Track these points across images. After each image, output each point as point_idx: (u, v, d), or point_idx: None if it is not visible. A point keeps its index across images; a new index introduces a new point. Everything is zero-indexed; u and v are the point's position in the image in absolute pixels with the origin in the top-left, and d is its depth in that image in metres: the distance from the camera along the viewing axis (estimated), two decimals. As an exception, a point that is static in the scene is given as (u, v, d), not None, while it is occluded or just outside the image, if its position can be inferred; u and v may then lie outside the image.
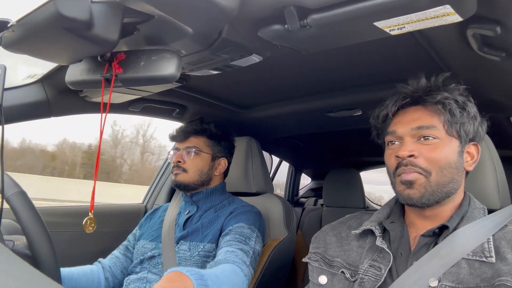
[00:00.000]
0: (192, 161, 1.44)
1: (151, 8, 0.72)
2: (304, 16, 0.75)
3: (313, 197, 3.62)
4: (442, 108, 0.85)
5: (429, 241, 0.84)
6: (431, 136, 0.84)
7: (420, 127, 0.85)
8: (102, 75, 0.85)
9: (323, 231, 1.04)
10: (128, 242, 1.51)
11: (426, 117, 0.86)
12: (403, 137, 0.87)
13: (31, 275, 0.39)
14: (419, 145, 0.84)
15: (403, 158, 0.84)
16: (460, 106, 0.85)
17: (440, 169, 0.83)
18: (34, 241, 0.77)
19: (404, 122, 0.88)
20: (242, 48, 0.94)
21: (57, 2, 0.64)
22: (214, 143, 1.49)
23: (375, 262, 0.86)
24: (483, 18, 0.79)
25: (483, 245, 0.78)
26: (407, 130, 0.86)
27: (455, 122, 0.84)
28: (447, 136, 0.84)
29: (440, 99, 0.85)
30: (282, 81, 1.40)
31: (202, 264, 1.27)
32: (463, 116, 0.85)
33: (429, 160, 0.83)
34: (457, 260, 0.77)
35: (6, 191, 0.79)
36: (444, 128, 0.84)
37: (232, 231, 1.27)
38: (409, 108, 0.89)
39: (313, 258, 0.97)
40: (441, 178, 0.83)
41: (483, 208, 0.87)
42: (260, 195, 1.67)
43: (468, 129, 0.85)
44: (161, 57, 0.80)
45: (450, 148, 0.84)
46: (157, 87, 1.20)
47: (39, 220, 0.79)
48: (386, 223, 0.91)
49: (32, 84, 1.25)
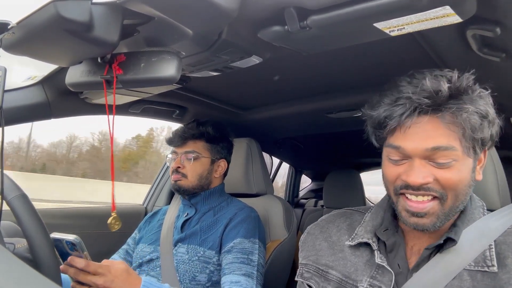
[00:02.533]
0: (192, 166, 1.42)
1: (151, 9, 0.72)
2: (304, 17, 0.75)
3: (314, 198, 3.62)
4: (463, 121, 0.68)
5: (429, 253, 0.75)
6: (446, 161, 0.69)
7: (437, 148, 0.68)
8: (102, 77, 0.85)
9: (311, 233, 0.94)
10: (128, 246, 1.50)
11: (444, 134, 0.69)
12: (412, 157, 0.71)
13: (33, 278, 0.39)
14: (430, 167, 0.70)
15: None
16: (481, 115, 0.69)
17: (456, 193, 0.71)
18: (35, 245, 0.77)
19: (415, 138, 0.70)
20: (242, 50, 0.94)
21: (57, 3, 0.64)
22: (212, 146, 1.47)
23: (375, 281, 0.77)
24: (483, 19, 0.79)
25: (485, 252, 0.71)
26: (420, 150, 0.70)
27: (475, 139, 0.70)
28: (463, 155, 0.70)
29: (461, 109, 0.68)
30: (282, 82, 1.40)
31: (201, 269, 1.27)
32: (483, 128, 0.70)
33: (445, 185, 0.70)
34: (459, 271, 0.70)
35: (7, 194, 0.79)
36: (461, 145, 0.69)
37: (234, 249, 1.26)
38: (421, 117, 0.70)
39: (306, 275, 0.88)
40: (455, 201, 0.72)
41: (482, 206, 0.81)
42: (260, 196, 1.67)
43: (486, 140, 0.72)
44: (161, 59, 0.81)
45: (466, 168, 0.71)
46: (157, 89, 1.20)
47: (40, 224, 0.79)
48: (379, 233, 0.81)
49: (32, 86, 1.26)
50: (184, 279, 1.26)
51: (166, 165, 2.11)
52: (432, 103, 0.68)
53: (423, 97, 0.68)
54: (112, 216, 0.99)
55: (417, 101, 0.68)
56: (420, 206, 0.71)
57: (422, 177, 0.69)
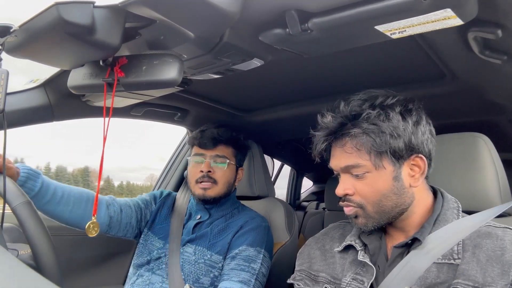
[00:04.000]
0: (223, 172, 1.39)
1: (153, 13, 0.72)
2: (305, 20, 0.75)
3: (315, 200, 3.62)
4: (361, 141, 0.81)
5: (402, 251, 0.84)
6: (360, 173, 0.82)
7: (347, 166, 0.84)
8: (104, 80, 0.85)
9: (308, 245, 1.03)
10: (139, 205, 1.44)
11: (350, 154, 0.83)
12: (339, 173, 0.87)
13: (37, 282, 0.39)
14: (353, 181, 0.84)
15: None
16: (378, 132, 0.79)
17: (375, 202, 0.82)
18: (39, 253, 0.77)
19: (333, 159, 0.87)
20: (243, 52, 0.94)
21: (59, 7, 0.65)
22: (238, 153, 1.47)
23: (358, 276, 0.85)
24: (484, 21, 0.79)
25: (453, 248, 0.78)
26: (338, 168, 0.86)
27: (381, 153, 0.80)
28: (376, 168, 0.81)
29: (349, 133, 0.81)
30: (284, 85, 1.41)
31: (206, 272, 1.27)
32: (386, 143, 0.79)
33: (363, 196, 0.83)
34: (428, 266, 0.77)
35: (12, 201, 0.78)
36: (371, 160, 0.81)
37: (238, 256, 1.26)
38: (335, 142, 0.86)
39: (298, 278, 0.97)
40: (379, 208, 0.83)
41: (457, 208, 0.86)
42: (262, 199, 1.67)
43: (399, 150, 0.80)
44: (163, 62, 0.81)
45: (382, 178, 0.81)
46: (159, 91, 1.20)
47: (44, 232, 0.78)
48: (363, 236, 0.90)
49: (34, 88, 1.26)
50: (188, 279, 1.26)
51: (177, 152, 2.07)
52: (329, 132, 0.85)
53: (324, 127, 0.86)
54: (91, 221, 0.99)
55: (322, 131, 0.86)
56: (347, 210, 0.86)
57: (343, 189, 0.85)
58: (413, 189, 0.84)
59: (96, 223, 1.00)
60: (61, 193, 1.19)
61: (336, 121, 0.84)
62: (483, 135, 1.00)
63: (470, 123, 1.51)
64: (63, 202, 1.19)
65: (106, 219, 1.31)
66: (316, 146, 0.88)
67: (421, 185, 0.85)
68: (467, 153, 0.99)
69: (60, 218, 1.21)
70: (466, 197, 0.95)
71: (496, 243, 0.76)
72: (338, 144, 0.85)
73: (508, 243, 0.75)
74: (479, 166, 0.97)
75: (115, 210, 1.34)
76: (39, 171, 1.14)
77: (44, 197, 1.14)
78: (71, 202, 1.21)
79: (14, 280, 0.38)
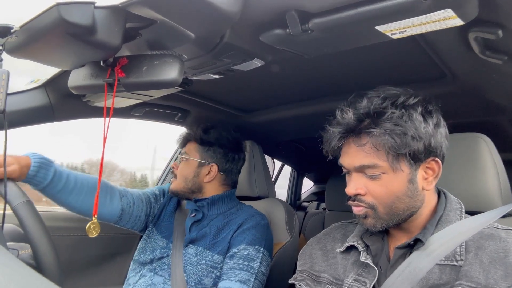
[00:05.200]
0: (181, 168, 1.43)
1: (153, 13, 0.72)
2: (305, 21, 0.75)
3: (316, 201, 3.61)
4: (380, 141, 0.77)
5: (405, 252, 0.83)
6: (375, 174, 0.80)
7: (362, 166, 0.80)
8: (104, 80, 0.85)
9: (309, 245, 1.03)
10: (150, 199, 1.46)
11: (366, 153, 0.79)
12: (350, 171, 0.84)
13: (37, 282, 0.39)
14: (366, 180, 0.81)
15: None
16: (400, 133, 0.76)
17: (388, 204, 0.80)
18: (39, 253, 0.77)
19: (346, 157, 0.84)
20: (244, 53, 0.94)
21: (60, 7, 0.65)
22: (204, 148, 1.44)
23: (360, 277, 0.85)
24: (485, 22, 0.79)
25: (456, 249, 0.78)
26: (352, 166, 0.83)
27: (400, 155, 0.78)
28: (392, 169, 0.79)
29: (371, 133, 0.78)
30: (285, 85, 1.41)
31: (208, 274, 1.27)
32: (406, 144, 0.77)
33: (375, 197, 0.81)
34: (431, 267, 0.77)
35: (13, 200, 0.78)
36: (388, 161, 0.78)
37: (237, 255, 1.26)
38: (351, 139, 0.82)
39: (300, 278, 0.96)
40: (391, 210, 0.81)
41: (459, 209, 0.85)
42: (263, 199, 1.66)
43: (420, 150, 0.78)
44: (164, 62, 0.81)
45: (397, 180, 0.79)
46: (160, 92, 1.21)
47: (45, 232, 0.78)
48: (365, 237, 0.89)
49: (35, 89, 1.26)
50: (190, 281, 1.26)
51: (175, 157, 2.08)
52: (347, 129, 0.81)
53: (344, 123, 0.81)
54: (92, 221, 0.99)
55: (340, 127, 0.82)
56: (357, 210, 0.84)
57: (354, 188, 0.82)
58: (424, 192, 0.83)
59: (97, 223, 1.00)
60: (74, 182, 1.19)
61: (357, 118, 0.80)
62: (484, 135, 1.00)
63: (471, 123, 1.51)
64: (75, 192, 1.19)
65: (118, 211, 1.32)
66: (330, 142, 0.83)
67: (423, 198, 0.84)
68: (467, 154, 0.99)
69: (72, 208, 1.21)
70: (466, 198, 0.95)
71: (499, 244, 0.75)
72: (355, 142, 0.81)
73: (511, 245, 0.74)
74: (480, 166, 0.97)
75: (128, 202, 1.35)
76: (51, 160, 1.13)
77: (56, 186, 1.14)
78: (83, 192, 1.21)
79: (14, 280, 0.38)
